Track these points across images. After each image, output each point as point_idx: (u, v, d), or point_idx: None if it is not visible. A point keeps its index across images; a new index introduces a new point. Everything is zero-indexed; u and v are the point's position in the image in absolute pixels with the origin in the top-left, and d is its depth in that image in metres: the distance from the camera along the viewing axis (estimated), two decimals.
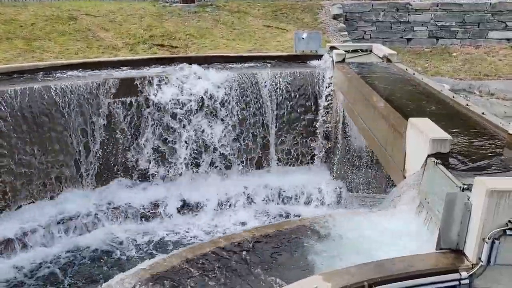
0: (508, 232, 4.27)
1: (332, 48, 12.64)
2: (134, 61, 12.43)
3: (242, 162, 11.93)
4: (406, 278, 4.45)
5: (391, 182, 8.39)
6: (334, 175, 12.28)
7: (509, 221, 4.26)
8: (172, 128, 11.05)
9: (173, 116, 11.00)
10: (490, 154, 6.24)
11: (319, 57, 12.94)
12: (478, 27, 18.25)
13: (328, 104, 11.94)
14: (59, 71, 11.39)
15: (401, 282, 4.42)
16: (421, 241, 5.17)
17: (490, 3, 18.09)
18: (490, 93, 14.18)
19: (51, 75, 11.09)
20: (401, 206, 5.89)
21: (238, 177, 11.84)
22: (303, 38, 12.98)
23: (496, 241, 4.30)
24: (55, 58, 13.12)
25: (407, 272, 4.48)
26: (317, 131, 12.23)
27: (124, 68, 11.95)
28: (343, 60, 11.71)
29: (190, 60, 12.15)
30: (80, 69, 11.61)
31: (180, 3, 18.70)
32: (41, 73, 11.21)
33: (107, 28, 15.84)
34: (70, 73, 11.32)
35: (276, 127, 11.94)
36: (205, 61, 12.49)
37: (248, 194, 11.53)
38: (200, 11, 18.06)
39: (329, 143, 12.29)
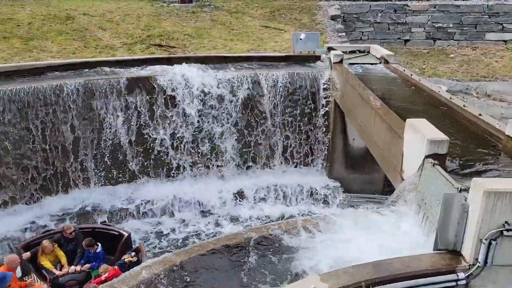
0: (505, 233, 4.29)
1: (330, 48, 12.65)
2: (132, 61, 12.40)
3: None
4: (403, 279, 4.46)
5: (388, 182, 8.41)
6: (331, 175, 12.30)
7: (506, 222, 4.28)
8: None
9: None
10: (487, 155, 6.27)
11: (317, 57, 12.96)
12: (475, 28, 18.32)
13: (326, 104, 11.95)
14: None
15: (399, 283, 4.43)
16: (417, 243, 5.18)
17: (487, 5, 18.15)
18: (487, 94, 14.23)
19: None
20: (400, 207, 5.90)
21: None
22: (301, 39, 12.98)
23: (493, 242, 4.32)
24: (52, 57, 13.08)
25: (405, 273, 4.49)
26: (315, 132, 12.24)
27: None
28: (341, 61, 11.72)
29: (188, 60, 12.15)
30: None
31: (178, 3, 18.67)
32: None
33: (104, 27, 15.79)
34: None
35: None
36: (203, 61, 12.48)
37: None
38: (198, 11, 18.05)
39: (327, 143, 12.29)
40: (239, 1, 19.57)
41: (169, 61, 12.33)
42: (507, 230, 4.28)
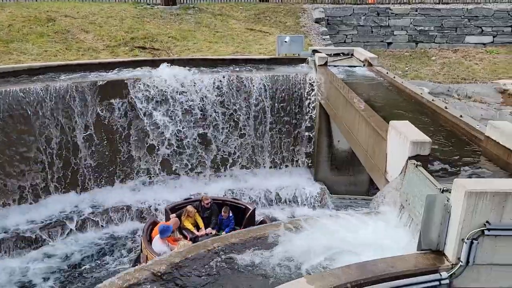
0: (486, 232, 4.38)
1: (315, 51, 12.74)
2: (115, 63, 12.26)
3: None
4: (388, 279, 4.50)
5: (373, 184, 8.49)
6: (316, 177, 12.36)
7: (487, 221, 4.36)
8: None
9: None
10: (468, 156, 6.39)
11: (302, 60, 13.04)
12: (456, 31, 18.71)
13: (310, 107, 12.02)
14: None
15: (384, 284, 4.47)
16: (403, 243, 5.23)
17: (467, 9, 18.56)
18: (467, 96, 14.52)
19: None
20: (384, 208, 5.96)
21: None
22: (285, 42, 13.05)
23: (475, 241, 4.40)
24: (33, 60, 12.84)
25: (389, 273, 4.53)
26: (301, 134, 12.30)
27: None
28: (326, 63, 11.82)
29: (172, 63, 12.07)
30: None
31: (162, 5, 18.55)
32: None
33: (87, 29, 15.58)
34: None
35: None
36: (188, 64, 12.42)
37: None
38: (182, 13, 17.96)
39: (312, 145, 12.36)
40: (224, 4, 19.56)
41: (154, 63, 12.25)
42: (488, 230, 4.36)
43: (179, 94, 11.23)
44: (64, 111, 10.42)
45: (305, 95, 11.91)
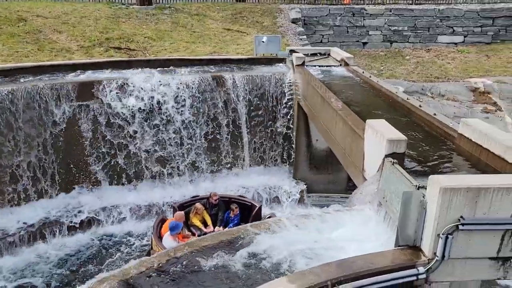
0: (460, 227, 4.50)
1: (292, 51, 12.82)
2: (90, 64, 12.02)
3: None
4: (367, 276, 4.56)
5: (351, 182, 8.60)
6: (296, 176, 12.44)
7: (461, 216, 4.48)
8: None
9: None
10: (442, 153, 6.56)
11: (279, 60, 13.09)
12: (428, 31, 19.19)
13: (289, 106, 12.09)
14: None
15: (363, 280, 4.53)
16: (381, 240, 5.32)
17: (438, 9, 19.06)
18: (441, 94, 14.90)
19: None
20: (362, 206, 6.04)
21: None
22: (263, 42, 13.08)
23: (450, 236, 4.51)
24: (4, 61, 12.43)
25: (368, 270, 4.60)
26: (280, 134, 12.35)
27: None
28: (303, 63, 11.90)
29: (148, 64, 11.92)
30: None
31: (137, 5, 18.26)
32: None
33: (60, 30, 15.19)
34: None
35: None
36: (165, 64, 12.29)
37: None
38: (158, 13, 17.73)
39: (291, 144, 12.43)
40: (200, 4, 19.44)
41: (129, 64, 12.06)
42: (462, 225, 4.48)
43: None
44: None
45: (283, 95, 11.97)
